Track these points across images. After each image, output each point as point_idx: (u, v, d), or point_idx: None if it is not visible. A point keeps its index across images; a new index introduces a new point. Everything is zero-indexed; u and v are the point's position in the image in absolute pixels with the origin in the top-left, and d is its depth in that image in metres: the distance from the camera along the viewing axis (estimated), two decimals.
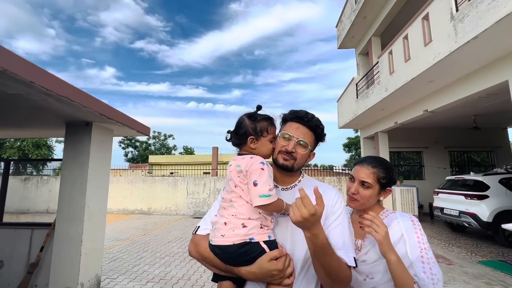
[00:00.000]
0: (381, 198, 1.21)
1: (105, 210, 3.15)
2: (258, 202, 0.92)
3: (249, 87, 74.31)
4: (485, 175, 6.54)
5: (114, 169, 14.57)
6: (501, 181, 6.20)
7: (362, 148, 11.68)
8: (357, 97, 9.38)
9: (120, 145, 31.26)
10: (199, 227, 1.10)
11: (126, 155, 31.53)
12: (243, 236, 0.93)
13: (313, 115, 1.10)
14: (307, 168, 13.96)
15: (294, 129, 1.07)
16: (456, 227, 7.38)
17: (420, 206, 9.67)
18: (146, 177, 12.18)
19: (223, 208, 1.01)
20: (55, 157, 22.95)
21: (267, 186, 0.94)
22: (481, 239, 6.57)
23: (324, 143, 1.15)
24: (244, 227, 0.94)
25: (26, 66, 1.64)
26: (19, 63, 1.59)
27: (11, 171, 4.34)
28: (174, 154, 32.54)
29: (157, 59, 64.23)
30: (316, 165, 16.62)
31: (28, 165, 16.27)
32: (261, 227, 0.96)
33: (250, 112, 1.08)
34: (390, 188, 1.21)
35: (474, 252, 5.50)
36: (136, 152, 31.85)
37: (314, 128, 1.08)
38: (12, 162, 5.30)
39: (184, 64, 69.01)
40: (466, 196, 6.33)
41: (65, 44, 67.00)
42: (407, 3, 7.47)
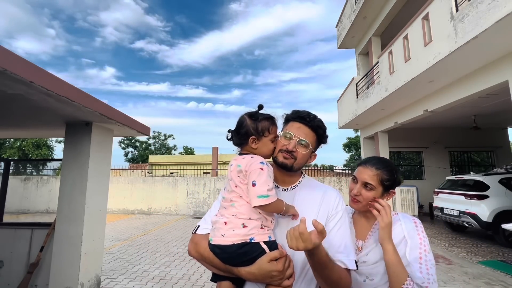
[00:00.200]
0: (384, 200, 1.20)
1: (105, 210, 3.15)
2: (256, 203, 0.92)
3: (249, 87, 74.30)
4: (485, 175, 6.54)
5: (114, 169, 14.57)
6: (501, 181, 6.21)
7: (362, 148, 11.67)
8: (357, 97, 9.37)
9: (120, 145, 31.28)
10: (199, 227, 1.09)
11: (126, 155, 31.56)
12: (243, 236, 0.92)
13: (315, 115, 1.09)
14: (307, 168, 13.96)
15: (295, 128, 1.06)
16: (456, 227, 7.38)
17: (420, 206, 9.68)
18: (146, 177, 12.18)
19: (224, 207, 1.01)
20: (55, 157, 22.99)
21: (266, 186, 0.93)
22: (481, 239, 6.57)
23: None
24: (244, 227, 0.93)
25: (26, 66, 1.64)
26: (19, 63, 1.59)
27: (11, 171, 4.34)
28: (174, 154, 32.52)
29: (157, 59, 64.22)
30: (316, 165, 16.60)
31: (28, 165, 16.28)
32: (262, 228, 0.95)
33: (251, 111, 1.07)
34: (394, 190, 1.18)
35: (474, 252, 5.50)
36: (136, 152, 31.84)
37: (316, 128, 1.07)
38: (12, 162, 5.30)
39: (184, 64, 69.00)
40: (466, 196, 6.33)
41: (65, 44, 67.00)
42: (407, 3, 7.47)
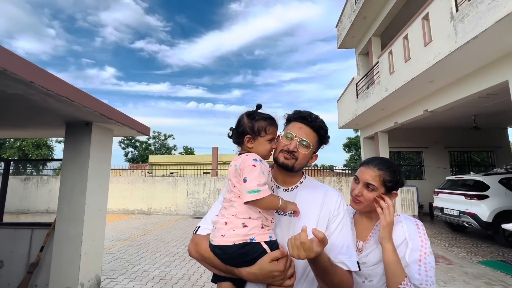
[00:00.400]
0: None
1: (105, 210, 3.15)
2: (247, 198, 0.90)
3: (249, 87, 74.23)
4: (485, 175, 6.54)
5: (114, 169, 14.57)
6: (501, 181, 6.21)
7: (362, 148, 11.67)
8: (357, 97, 9.37)
9: (120, 145, 31.29)
10: (200, 227, 1.08)
11: (126, 155, 31.56)
12: (243, 236, 0.91)
13: (317, 116, 1.09)
14: (307, 168, 13.95)
15: (297, 128, 1.06)
16: (456, 227, 7.38)
17: (420, 206, 9.68)
18: (146, 177, 12.18)
19: (224, 208, 1.01)
20: (55, 157, 23.00)
21: (257, 181, 0.91)
22: (481, 239, 6.57)
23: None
24: (244, 226, 0.93)
25: (26, 66, 1.64)
26: (19, 63, 1.59)
27: (11, 171, 4.34)
28: (174, 154, 32.52)
29: (157, 59, 64.19)
30: (316, 165, 16.59)
31: (28, 165, 16.26)
32: (262, 227, 0.94)
33: (250, 110, 1.07)
34: (396, 191, 1.16)
35: (474, 252, 5.50)
36: (136, 152, 31.84)
37: (317, 129, 1.06)
38: (12, 162, 5.30)
39: (184, 64, 68.91)
40: (466, 196, 6.33)
41: (65, 44, 66.95)
42: (407, 3, 7.47)
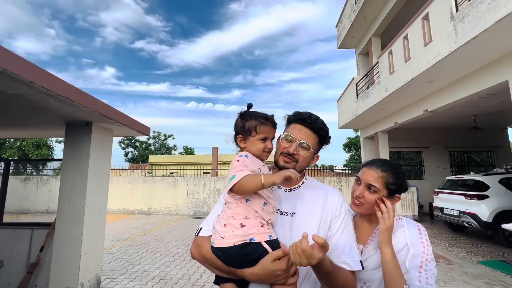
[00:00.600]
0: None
1: (105, 210, 3.15)
2: (229, 187, 0.93)
3: (249, 87, 74.15)
4: (485, 175, 6.54)
5: (114, 169, 14.56)
6: (501, 181, 6.21)
7: (362, 148, 11.67)
8: (357, 97, 9.37)
9: (120, 145, 31.27)
10: (201, 229, 1.08)
11: (126, 155, 31.54)
12: (242, 237, 0.91)
13: (317, 117, 1.08)
14: (307, 168, 13.93)
15: (297, 131, 1.05)
16: (456, 227, 7.38)
17: (420, 206, 9.68)
18: (146, 177, 12.17)
19: (223, 210, 1.01)
20: (55, 157, 22.99)
21: (234, 170, 0.93)
22: (481, 239, 6.57)
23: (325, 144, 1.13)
24: (242, 226, 0.92)
25: (26, 66, 1.64)
26: (19, 63, 1.59)
27: (11, 171, 4.34)
28: (174, 154, 32.51)
29: (157, 59, 64.12)
30: (316, 165, 16.59)
31: (28, 165, 16.25)
32: (262, 226, 0.94)
33: (243, 111, 1.07)
34: (399, 195, 1.11)
35: (474, 252, 5.50)
36: (136, 152, 31.83)
37: (318, 130, 1.06)
38: (12, 162, 5.30)
39: (184, 64, 68.86)
40: (466, 196, 6.33)
41: (65, 44, 66.91)
42: (407, 3, 7.47)
